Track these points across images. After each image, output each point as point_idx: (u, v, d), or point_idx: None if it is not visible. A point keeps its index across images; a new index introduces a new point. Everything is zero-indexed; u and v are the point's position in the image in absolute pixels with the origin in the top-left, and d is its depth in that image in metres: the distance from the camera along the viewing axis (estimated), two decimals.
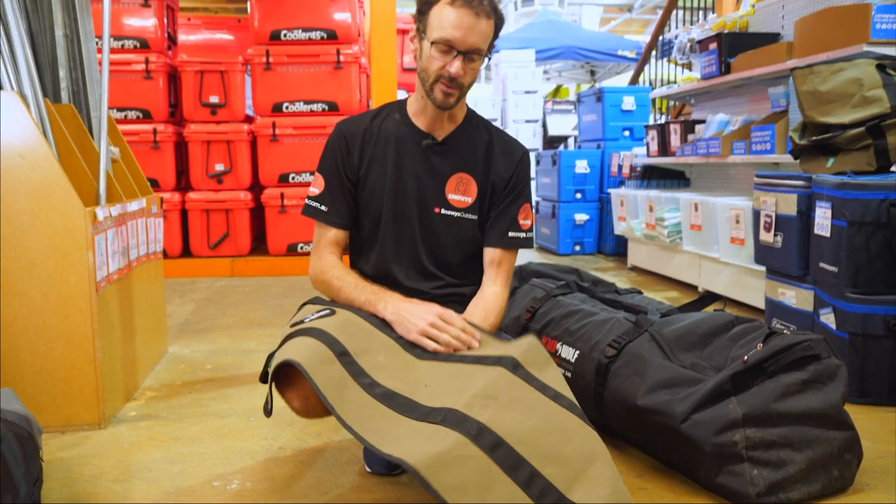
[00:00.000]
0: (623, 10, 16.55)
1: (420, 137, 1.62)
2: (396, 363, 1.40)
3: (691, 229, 3.75)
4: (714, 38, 3.78)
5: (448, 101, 1.54)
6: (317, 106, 4.51)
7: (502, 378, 1.30)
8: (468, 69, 1.51)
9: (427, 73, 1.52)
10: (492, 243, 1.65)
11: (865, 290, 2.05)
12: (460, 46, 1.47)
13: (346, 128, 1.65)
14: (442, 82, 1.51)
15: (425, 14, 1.51)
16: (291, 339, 1.42)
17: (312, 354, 1.33)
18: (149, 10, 4.53)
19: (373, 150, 1.62)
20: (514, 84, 7.67)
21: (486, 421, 1.17)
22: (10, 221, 1.82)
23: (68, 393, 1.89)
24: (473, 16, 1.46)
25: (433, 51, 1.49)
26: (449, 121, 1.64)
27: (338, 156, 1.63)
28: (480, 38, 1.48)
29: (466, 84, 1.54)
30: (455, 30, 1.46)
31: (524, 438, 1.18)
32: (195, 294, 3.86)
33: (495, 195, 1.65)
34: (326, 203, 1.62)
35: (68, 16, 2.17)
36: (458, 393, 1.26)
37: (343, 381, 1.30)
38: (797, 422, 1.48)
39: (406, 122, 1.63)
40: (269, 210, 4.51)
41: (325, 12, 4.52)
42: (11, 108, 1.80)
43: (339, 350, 1.35)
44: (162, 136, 4.47)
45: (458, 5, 1.46)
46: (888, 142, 2.20)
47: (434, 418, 1.21)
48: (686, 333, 1.72)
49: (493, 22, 1.51)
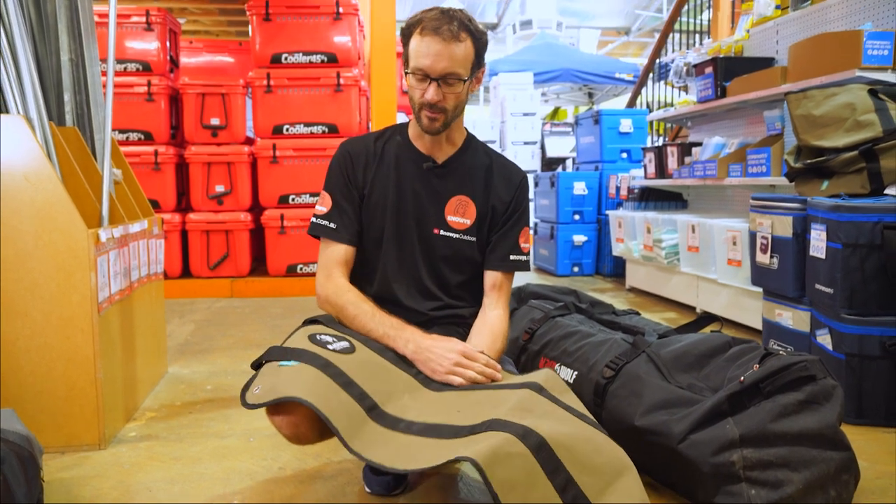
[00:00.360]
0: (620, 33, 16.73)
1: (421, 160, 1.65)
2: (423, 399, 1.41)
3: (689, 251, 3.77)
4: (710, 63, 3.84)
5: (434, 126, 1.57)
6: (317, 128, 4.56)
7: (531, 397, 1.33)
8: (447, 94, 1.53)
9: (412, 102, 1.58)
10: (493, 266, 1.67)
11: (861, 311, 2.07)
12: (432, 73, 1.51)
13: (351, 147, 1.68)
14: (425, 109, 1.55)
15: (406, 46, 1.56)
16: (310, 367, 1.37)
17: (344, 412, 1.29)
18: (151, 34, 4.59)
19: (375, 171, 1.65)
20: (512, 106, 7.75)
21: (528, 424, 1.20)
22: (14, 243, 1.84)
23: (69, 413, 1.90)
24: (441, 42, 1.49)
25: (411, 80, 1.55)
26: (448, 144, 1.67)
27: (344, 174, 1.65)
28: (452, 62, 1.51)
29: (450, 108, 1.56)
30: (425, 58, 1.50)
31: (563, 443, 1.20)
32: (195, 315, 3.87)
33: (495, 218, 1.68)
34: (335, 220, 1.64)
35: (74, 41, 2.21)
36: (494, 410, 1.28)
37: (382, 434, 1.30)
38: (794, 442, 1.49)
39: (407, 145, 1.67)
40: (269, 231, 4.54)
41: (325, 36, 4.59)
42: (17, 131, 1.83)
43: (369, 404, 1.34)
44: (163, 157, 4.50)
45: (426, 34, 1.50)
46: (881, 165, 2.23)
47: (480, 430, 1.22)
48: (683, 354, 1.73)
49: (470, 43, 1.53)
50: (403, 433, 1.29)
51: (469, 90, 1.60)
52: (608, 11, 16.02)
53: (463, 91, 1.56)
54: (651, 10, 15.68)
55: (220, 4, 6.29)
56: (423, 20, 1.52)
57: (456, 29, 1.50)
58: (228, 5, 6.27)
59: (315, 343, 1.45)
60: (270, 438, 1.96)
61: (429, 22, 1.51)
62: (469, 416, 1.30)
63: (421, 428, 1.29)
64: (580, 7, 15.41)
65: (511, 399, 1.32)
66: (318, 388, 1.32)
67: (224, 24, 7.03)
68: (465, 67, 1.53)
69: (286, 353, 1.42)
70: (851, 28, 3.05)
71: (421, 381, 1.47)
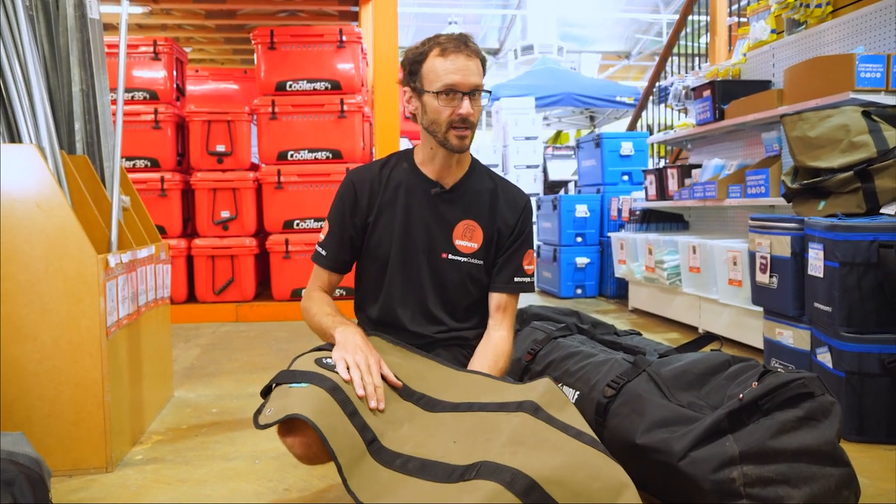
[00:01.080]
0: (621, 56, 16.91)
1: (429, 186, 1.68)
2: (421, 426, 1.42)
3: (690, 271, 3.79)
4: (708, 86, 3.89)
5: (464, 144, 1.60)
6: (321, 154, 4.62)
7: (526, 423, 1.34)
8: (476, 108, 1.59)
9: (438, 124, 1.58)
10: (498, 288, 1.71)
11: (859, 329, 2.09)
12: (464, 88, 1.55)
13: (356, 176, 1.72)
14: (455, 127, 1.57)
15: (417, 73, 1.59)
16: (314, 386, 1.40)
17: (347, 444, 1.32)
18: (158, 63, 4.68)
19: (381, 198, 1.68)
20: (514, 130, 7.82)
21: (518, 466, 1.21)
22: (26, 268, 1.88)
23: (76, 436, 1.92)
24: (466, 58, 1.55)
25: (440, 101, 1.56)
26: (457, 167, 1.70)
27: (345, 204, 1.69)
28: (479, 76, 1.58)
29: (476, 123, 1.61)
30: (455, 74, 1.54)
31: (554, 478, 1.21)
32: (200, 339, 3.90)
33: (500, 241, 1.71)
34: (327, 249, 1.71)
35: (85, 72, 2.27)
36: (487, 444, 1.30)
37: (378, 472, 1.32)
38: (793, 458, 1.51)
39: (414, 171, 1.70)
40: (274, 256, 4.58)
41: (329, 64, 4.67)
42: (30, 160, 1.88)
43: (369, 437, 1.37)
44: (169, 184, 4.57)
45: (449, 52, 1.55)
46: (876, 185, 2.27)
47: (469, 474, 1.24)
48: (683, 373, 1.75)
49: (480, 62, 1.60)
50: (398, 471, 1.31)
51: None
52: (609, 36, 16.22)
53: (482, 106, 1.64)
54: (651, 35, 15.87)
55: (225, 34, 6.42)
56: (440, 42, 1.57)
57: (473, 48, 1.58)
58: (233, 34, 6.40)
59: (322, 366, 1.48)
60: (276, 460, 1.98)
61: (447, 43, 1.56)
62: (463, 449, 1.31)
63: (417, 466, 1.31)
64: (581, 32, 15.62)
65: (505, 428, 1.33)
66: (326, 412, 1.34)
67: (229, 53, 7.16)
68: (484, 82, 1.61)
69: (295, 377, 1.45)
70: (845, 52, 3.10)
71: (422, 405, 1.49)
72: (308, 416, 1.32)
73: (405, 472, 1.31)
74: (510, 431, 1.31)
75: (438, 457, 1.32)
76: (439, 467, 1.29)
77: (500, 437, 1.30)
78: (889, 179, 2.25)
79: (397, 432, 1.41)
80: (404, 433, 1.41)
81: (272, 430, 1.44)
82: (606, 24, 15.65)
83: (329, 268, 1.71)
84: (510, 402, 1.41)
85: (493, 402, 1.44)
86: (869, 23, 3.03)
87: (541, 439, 1.29)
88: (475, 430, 1.37)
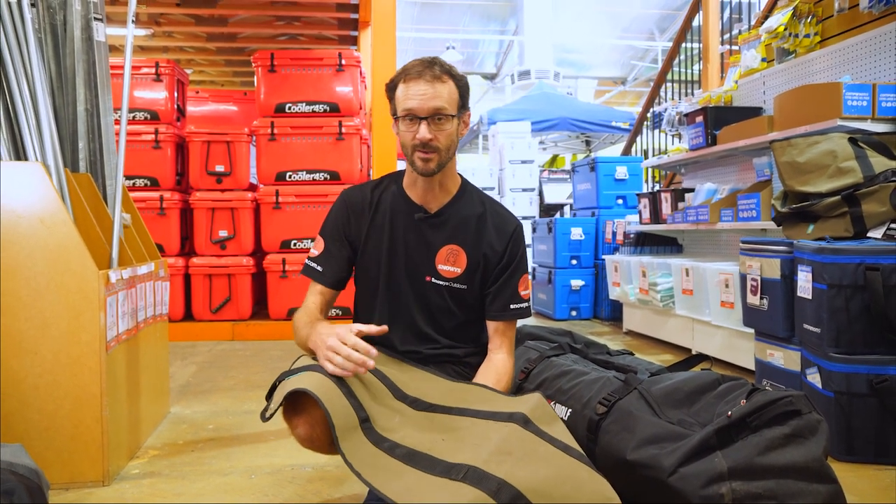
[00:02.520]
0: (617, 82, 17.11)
1: (413, 210, 1.71)
2: (411, 421, 1.47)
3: (683, 294, 3.83)
4: (700, 112, 3.96)
5: (429, 167, 1.62)
6: (319, 175, 4.67)
7: (515, 434, 1.37)
8: (438, 132, 1.59)
9: (405, 148, 1.63)
10: (494, 317, 1.74)
11: (847, 350, 2.13)
12: (421, 113, 1.58)
13: (348, 197, 1.76)
14: (417, 150, 1.60)
15: (392, 99, 1.65)
16: (315, 372, 1.45)
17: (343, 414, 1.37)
18: (160, 85, 4.75)
19: (371, 220, 1.72)
20: (510, 154, 7.90)
21: (504, 475, 1.24)
22: (28, 283, 1.91)
23: (74, 450, 1.94)
24: (425, 83, 1.58)
25: (401, 125, 1.62)
26: (442, 192, 1.72)
27: (339, 222, 1.74)
28: (439, 100, 1.58)
29: (443, 147, 1.61)
30: (412, 100, 1.58)
31: (540, 489, 1.23)
32: (197, 357, 3.92)
33: (487, 267, 1.73)
34: (322, 264, 1.73)
35: (90, 92, 2.32)
36: (476, 449, 1.32)
37: (367, 447, 1.36)
38: (781, 475, 1.53)
39: (401, 195, 1.73)
40: (271, 275, 4.61)
41: (328, 86, 4.74)
42: (35, 177, 1.92)
43: (363, 416, 1.41)
44: (168, 203, 4.61)
45: (410, 79, 1.59)
46: (863, 209, 2.32)
47: (455, 475, 1.26)
48: (674, 391, 1.78)
49: (453, 84, 1.61)
50: (386, 453, 1.35)
51: (458, 133, 1.66)
52: (605, 62, 16.44)
53: (453, 130, 1.62)
54: (646, 61, 16.08)
55: (226, 56, 6.51)
56: (406, 70, 1.61)
57: (438, 72, 1.59)
58: (234, 56, 6.49)
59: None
60: (272, 475, 2.00)
61: (411, 69, 1.60)
62: (450, 447, 1.35)
63: (403, 453, 1.35)
64: (578, 58, 15.83)
65: (494, 437, 1.35)
66: (324, 387, 1.40)
67: (229, 75, 7.25)
68: (452, 105, 1.60)
69: (294, 372, 1.50)
70: (832, 80, 3.18)
71: (415, 407, 1.53)
72: (308, 388, 1.37)
73: (392, 456, 1.34)
74: (499, 440, 1.34)
75: (425, 449, 1.35)
76: (425, 458, 1.33)
77: (489, 444, 1.33)
78: (875, 204, 2.30)
79: (388, 422, 1.45)
80: (395, 424, 1.45)
81: (269, 445, 1.47)
82: (603, 51, 15.88)
83: (326, 283, 1.73)
84: (501, 412, 1.44)
85: (485, 409, 1.47)
86: (855, 53, 3.11)
87: (529, 450, 1.32)
88: (464, 433, 1.40)
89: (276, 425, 2.48)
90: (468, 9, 14.76)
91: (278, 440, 2.32)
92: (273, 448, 2.25)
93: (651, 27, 15.37)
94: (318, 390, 1.38)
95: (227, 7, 5.49)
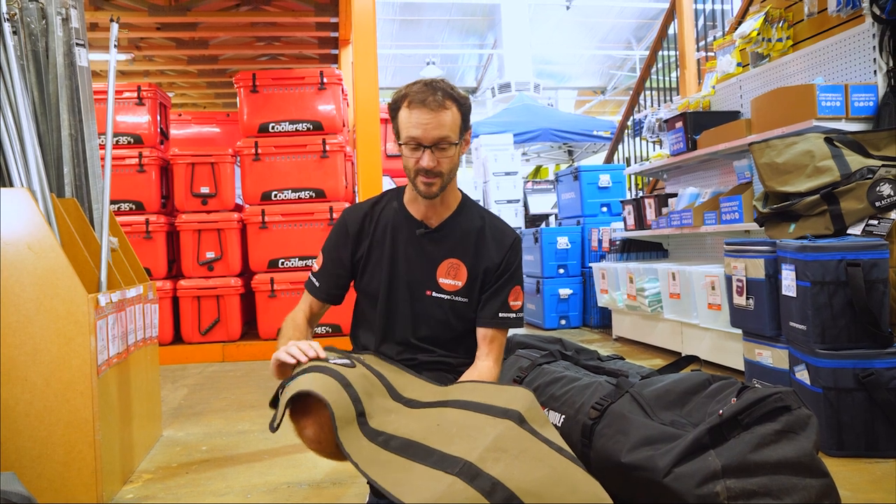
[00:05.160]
0: (597, 92, 17.28)
1: (414, 225, 1.74)
2: (407, 415, 1.49)
3: (671, 298, 3.87)
4: (680, 118, 4.02)
5: (431, 191, 1.66)
6: (304, 193, 4.68)
7: (510, 432, 1.38)
8: (441, 159, 1.62)
9: (408, 170, 1.66)
10: (483, 324, 1.76)
11: (833, 345, 2.16)
12: (424, 142, 1.61)
13: (348, 216, 1.80)
14: (420, 175, 1.64)
15: (395, 119, 1.66)
16: (315, 372, 1.46)
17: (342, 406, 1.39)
18: (142, 109, 4.75)
19: (372, 236, 1.76)
20: (494, 166, 7.95)
21: (498, 475, 1.25)
22: (18, 309, 1.90)
23: (67, 477, 1.92)
24: (429, 112, 1.59)
25: (405, 150, 1.64)
26: (443, 207, 1.75)
27: (339, 242, 1.78)
28: (443, 129, 1.60)
29: (445, 172, 1.65)
30: (416, 129, 1.60)
31: (534, 490, 1.25)
32: (187, 379, 3.89)
33: (486, 278, 1.75)
34: (319, 280, 1.80)
35: (74, 117, 2.33)
36: (472, 442, 1.33)
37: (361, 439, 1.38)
38: (774, 471, 1.55)
39: (403, 211, 1.76)
40: (260, 295, 4.60)
41: (310, 105, 4.76)
42: (22, 203, 1.92)
43: (360, 410, 1.43)
44: (154, 226, 4.59)
45: (413, 107, 1.60)
46: (842, 207, 2.36)
47: (450, 468, 1.27)
48: (665, 393, 1.80)
49: (456, 109, 1.63)
50: (381, 447, 1.36)
51: (460, 152, 1.70)
52: (584, 72, 16.61)
53: (455, 154, 1.66)
54: (625, 70, 16.27)
55: (207, 78, 6.52)
56: (409, 94, 1.62)
57: (441, 98, 1.60)
58: (215, 78, 6.50)
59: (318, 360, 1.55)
60: (268, 494, 1.99)
61: (415, 95, 1.61)
62: (445, 435, 1.36)
63: (398, 445, 1.36)
64: (557, 69, 15.99)
65: (490, 432, 1.36)
66: (323, 383, 1.42)
67: (211, 97, 7.26)
68: (454, 132, 1.63)
69: (295, 376, 1.50)
70: (806, 82, 3.24)
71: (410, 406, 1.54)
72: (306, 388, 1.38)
73: (387, 450, 1.36)
74: (495, 436, 1.35)
75: (420, 438, 1.36)
76: (420, 449, 1.34)
77: (484, 439, 1.34)
78: (854, 201, 2.35)
79: (385, 417, 1.46)
80: (391, 419, 1.46)
81: (264, 464, 1.47)
82: (581, 61, 16.05)
83: (319, 298, 1.80)
84: (496, 407, 1.45)
85: (479, 402, 1.48)
86: (826, 55, 3.18)
87: (523, 449, 1.33)
88: (460, 422, 1.41)
89: (269, 444, 2.48)
90: (446, 24, 14.89)
91: (273, 459, 2.32)
92: (268, 467, 2.24)
93: (628, 36, 15.57)
94: (320, 388, 1.40)
95: (208, 30, 5.51)
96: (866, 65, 2.95)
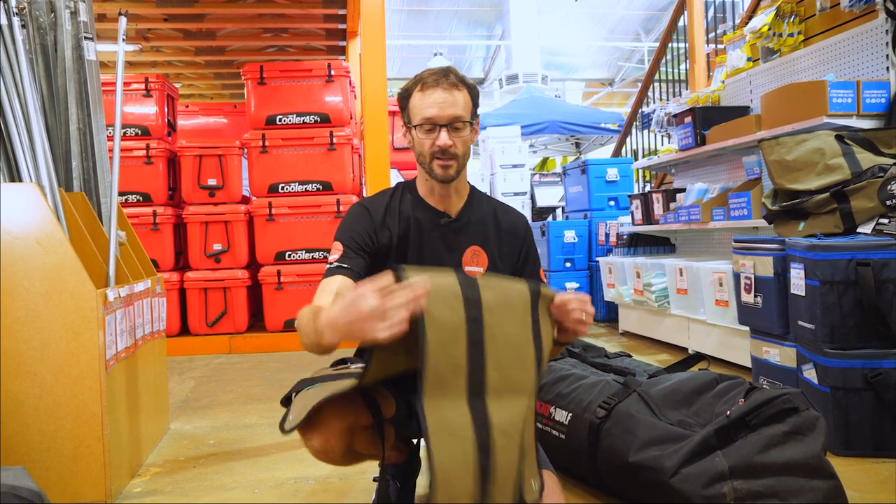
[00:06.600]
0: (605, 84, 17.19)
1: (436, 216, 1.73)
2: None
3: (678, 293, 3.86)
4: (689, 112, 3.99)
5: (448, 173, 1.65)
6: (311, 186, 4.68)
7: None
8: (456, 139, 1.63)
9: (423, 156, 1.65)
10: None
11: (842, 345, 2.15)
12: (440, 120, 1.61)
13: (369, 203, 1.73)
14: (436, 157, 1.63)
15: (406, 108, 1.67)
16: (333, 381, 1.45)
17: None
18: (150, 100, 4.75)
19: (397, 229, 1.70)
20: (501, 158, 7.91)
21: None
22: (26, 304, 1.91)
23: (75, 471, 1.93)
24: (443, 91, 1.61)
25: (419, 133, 1.63)
26: (457, 196, 1.74)
27: (360, 225, 1.67)
28: (457, 108, 1.62)
29: (461, 153, 1.65)
30: (431, 108, 1.61)
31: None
32: (194, 371, 3.91)
33: (503, 262, 1.76)
34: (348, 261, 1.62)
35: (82, 111, 2.33)
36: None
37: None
38: (781, 472, 1.55)
39: (421, 203, 1.74)
40: (266, 287, 4.61)
41: (318, 97, 4.75)
42: (30, 198, 1.92)
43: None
44: (161, 218, 4.60)
45: (427, 87, 1.62)
46: (852, 205, 2.34)
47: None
48: (672, 392, 1.80)
49: (466, 92, 1.65)
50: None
51: (471, 138, 1.70)
52: (592, 64, 16.52)
53: (468, 137, 1.67)
54: (633, 62, 16.17)
55: (214, 69, 6.51)
56: (422, 78, 1.64)
57: (453, 79, 1.64)
58: (223, 70, 6.50)
59: (337, 366, 1.53)
60: (275, 489, 2.00)
61: (428, 78, 1.63)
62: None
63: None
64: (564, 60, 15.91)
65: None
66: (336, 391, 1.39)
67: (218, 88, 7.25)
68: (467, 112, 1.65)
69: (313, 381, 1.49)
70: (817, 78, 3.21)
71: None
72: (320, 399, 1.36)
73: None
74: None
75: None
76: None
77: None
78: (864, 200, 2.33)
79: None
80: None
81: (271, 459, 1.48)
82: (589, 53, 15.96)
83: (354, 277, 1.58)
84: None
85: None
86: (838, 51, 3.15)
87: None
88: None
89: (276, 438, 2.49)
90: (454, 15, 14.82)
91: (280, 453, 2.33)
92: (275, 461, 2.25)
93: (637, 28, 15.47)
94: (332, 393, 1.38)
95: (215, 21, 5.50)
96: (879, 61, 2.92)
